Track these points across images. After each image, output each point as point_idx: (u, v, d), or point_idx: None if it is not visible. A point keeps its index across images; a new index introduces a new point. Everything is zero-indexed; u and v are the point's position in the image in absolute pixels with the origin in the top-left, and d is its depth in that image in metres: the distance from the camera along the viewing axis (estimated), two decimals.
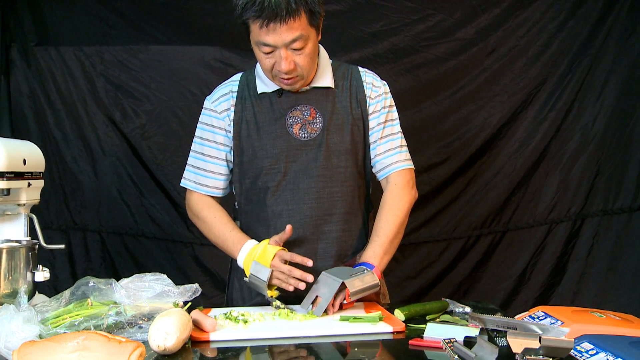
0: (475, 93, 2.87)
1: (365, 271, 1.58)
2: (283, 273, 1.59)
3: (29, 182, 1.64)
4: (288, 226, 1.62)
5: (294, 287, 1.58)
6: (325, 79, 1.74)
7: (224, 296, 1.94)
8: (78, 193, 2.85)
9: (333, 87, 1.75)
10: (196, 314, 1.42)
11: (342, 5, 2.74)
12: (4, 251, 1.49)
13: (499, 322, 1.25)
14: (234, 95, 1.77)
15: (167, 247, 2.87)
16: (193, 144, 1.82)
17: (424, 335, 1.33)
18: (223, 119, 1.76)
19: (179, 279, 2.31)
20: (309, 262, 1.59)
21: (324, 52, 1.78)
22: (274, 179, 1.71)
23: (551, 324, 1.53)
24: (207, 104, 1.80)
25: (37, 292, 1.61)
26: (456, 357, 1.15)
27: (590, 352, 1.37)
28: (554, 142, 2.89)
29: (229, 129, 1.76)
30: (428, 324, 1.36)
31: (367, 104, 1.76)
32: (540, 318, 1.60)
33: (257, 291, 1.66)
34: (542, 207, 2.92)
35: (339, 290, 1.55)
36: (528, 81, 2.86)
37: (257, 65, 1.75)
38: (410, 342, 1.32)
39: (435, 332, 1.33)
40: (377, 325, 1.44)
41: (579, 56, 2.83)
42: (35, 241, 1.62)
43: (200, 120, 1.81)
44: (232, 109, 1.75)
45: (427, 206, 2.89)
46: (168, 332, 1.23)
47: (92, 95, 2.80)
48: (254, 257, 1.63)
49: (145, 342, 1.24)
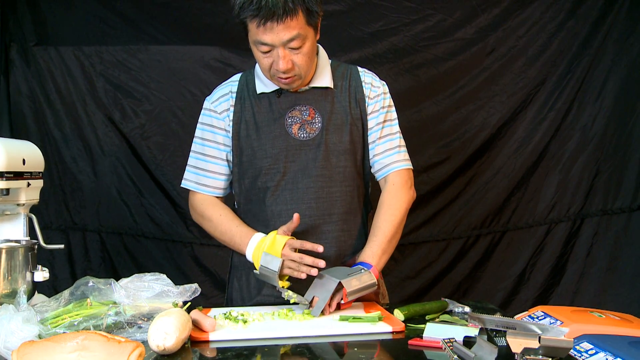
0: (474, 93, 2.87)
1: (362, 271, 1.57)
2: (294, 261, 1.57)
3: (28, 182, 1.64)
4: (295, 215, 1.60)
5: (307, 275, 1.56)
6: (324, 78, 1.74)
7: (224, 296, 1.94)
8: (77, 193, 2.85)
9: (332, 87, 1.75)
10: (195, 313, 1.42)
11: (341, 5, 2.74)
12: (4, 251, 1.48)
13: (498, 322, 1.25)
14: (234, 96, 1.77)
15: (167, 247, 2.87)
16: (193, 144, 1.81)
17: (424, 335, 1.33)
18: (223, 119, 1.76)
19: (179, 278, 2.31)
20: (320, 247, 1.57)
21: (323, 52, 1.77)
22: (274, 179, 1.71)
23: (550, 323, 1.53)
24: (206, 104, 1.80)
25: (36, 292, 1.61)
26: (455, 357, 1.15)
27: (589, 352, 1.38)
28: (553, 142, 2.90)
29: (228, 129, 1.76)
30: (427, 323, 1.36)
31: (366, 104, 1.76)
32: (539, 318, 1.60)
33: (268, 283, 1.61)
34: (541, 207, 2.92)
35: (336, 290, 1.54)
36: (527, 81, 2.86)
37: (257, 66, 1.75)
38: (410, 342, 1.32)
39: (434, 332, 1.33)
40: (377, 325, 1.44)
41: (578, 56, 2.84)
42: (35, 241, 1.62)
43: (200, 121, 1.80)
44: (231, 109, 1.75)
45: (427, 206, 2.89)
46: (167, 332, 1.23)
47: (92, 95, 2.80)
48: (263, 248, 1.60)
49: (145, 342, 1.23)
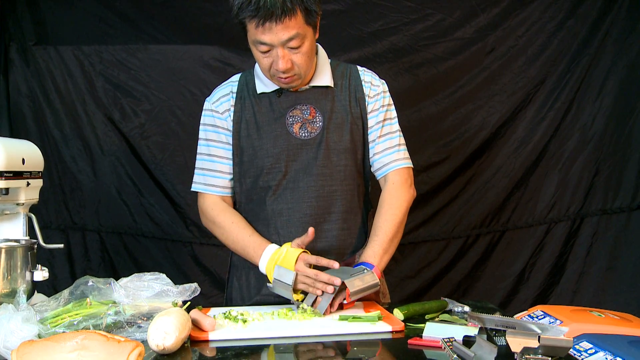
0: (474, 92, 2.87)
1: (365, 271, 1.57)
2: (309, 277, 1.55)
3: (27, 182, 1.64)
4: (310, 229, 1.59)
5: (322, 291, 1.55)
6: (324, 77, 1.74)
7: (223, 295, 1.94)
8: (77, 192, 2.85)
9: (332, 85, 1.75)
10: (195, 313, 1.42)
11: (341, 5, 2.74)
12: (3, 251, 1.49)
13: (498, 322, 1.25)
14: (234, 96, 1.76)
15: (166, 246, 2.87)
16: (199, 147, 1.80)
17: (423, 335, 1.33)
18: (225, 119, 1.76)
19: (178, 278, 2.32)
20: (336, 264, 1.57)
21: (322, 51, 1.77)
22: (275, 178, 1.71)
23: (550, 323, 1.53)
24: (207, 105, 1.80)
25: (36, 291, 1.61)
26: (455, 356, 1.14)
27: (589, 352, 1.38)
28: (553, 141, 2.90)
29: (230, 128, 1.76)
30: (427, 323, 1.36)
31: (366, 103, 1.76)
32: (539, 317, 1.60)
33: (283, 296, 1.60)
34: (541, 206, 2.92)
35: (339, 290, 1.54)
36: (527, 81, 2.86)
37: (256, 65, 1.75)
38: (410, 341, 1.32)
39: (434, 331, 1.33)
40: (376, 324, 1.44)
41: (577, 56, 2.84)
42: (34, 241, 1.62)
43: (202, 122, 1.80)
44: (232, 109, 1.75)
45: (426, 205, 2.89)
46: (167, 331, 1.23)
47: (91, 95, 2.80)
48: (277, 261, 1.60)
49: (144, 342, 1.23)
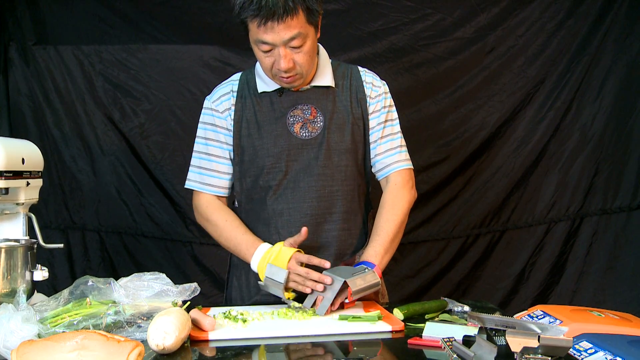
0: (474, 92, 2.87)
1: (366, 270, 1.58)
2: (300, 275, 1.57)
3: (27, 182, 1.64)
4: (303, 229, 1.60)
5: (312, 289, 1.56)
6: (326, 77, 1.74)
7: (223, 295, 1.94)
8: (77, 192, 2.85)
9: (333, 85, 1.75)
10: (195, 313, 1.42)
11: (341, 5, 2.74)
12: (3, 250, 1.48)
13: (497, 321, 1.25)
14: (235, 95, 1.76)
15: (166, 246, 2.87)
16: (196, 144, 1.80)
17: (423, 335, 1.33)
18: (225, 118, 1.76)
19: (178, 278, 2.31)
20: (327, 263, 1.58)
21: (323, 51, 1.77)
22: (276, 178, 1.70)
23: (550, 323, 1.53)
24: (207, 103, 1.79)
25: (35, 291, 1.61)
26: (455, 356, 1.15)
27: (589, 351, 1.37)
28: (552, 141, 2.90)
29: (230, 128, 1.75)
30: (427, 323, 1.36)
31: (367, 104, 1.76)
32: (539, 317, 1.60)
33: (274, 294, 1.61)
34: (541, 206, 2.92)
35: (341, 289, 1.55)
36: (527, 80, 2.86)
37: (257, 65, 1.74)
38: (409, 341, 1.32)
39: (434, 331, 1.33)
40: (376, 324, 1.44)
41: (577, 55, 2.84)
42: (34, 240, 1.62)
43: (201, 121, 1.80)
44: (232, 108, 1.75)
45: (426, 205, 2.89)
46: (167, 331, 1.23)
47: (91, 95, 2.80)
48: (269, 260, 1.60)
49: (144, 342, 1.23)
